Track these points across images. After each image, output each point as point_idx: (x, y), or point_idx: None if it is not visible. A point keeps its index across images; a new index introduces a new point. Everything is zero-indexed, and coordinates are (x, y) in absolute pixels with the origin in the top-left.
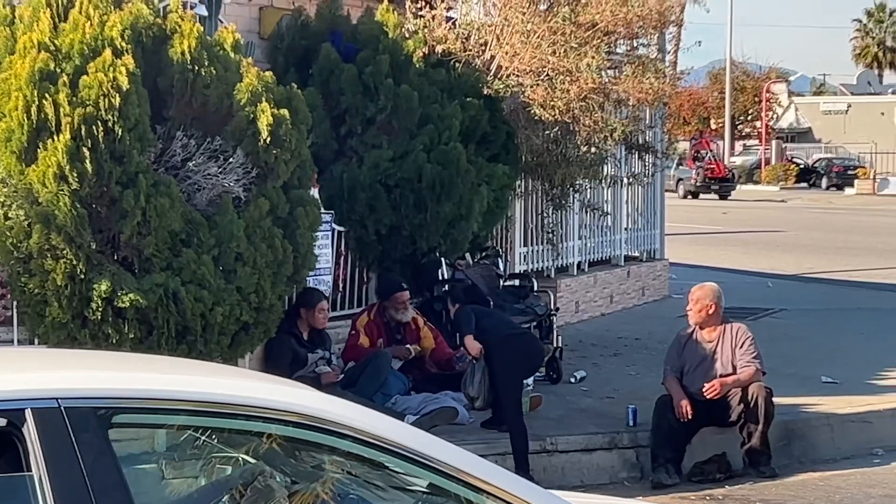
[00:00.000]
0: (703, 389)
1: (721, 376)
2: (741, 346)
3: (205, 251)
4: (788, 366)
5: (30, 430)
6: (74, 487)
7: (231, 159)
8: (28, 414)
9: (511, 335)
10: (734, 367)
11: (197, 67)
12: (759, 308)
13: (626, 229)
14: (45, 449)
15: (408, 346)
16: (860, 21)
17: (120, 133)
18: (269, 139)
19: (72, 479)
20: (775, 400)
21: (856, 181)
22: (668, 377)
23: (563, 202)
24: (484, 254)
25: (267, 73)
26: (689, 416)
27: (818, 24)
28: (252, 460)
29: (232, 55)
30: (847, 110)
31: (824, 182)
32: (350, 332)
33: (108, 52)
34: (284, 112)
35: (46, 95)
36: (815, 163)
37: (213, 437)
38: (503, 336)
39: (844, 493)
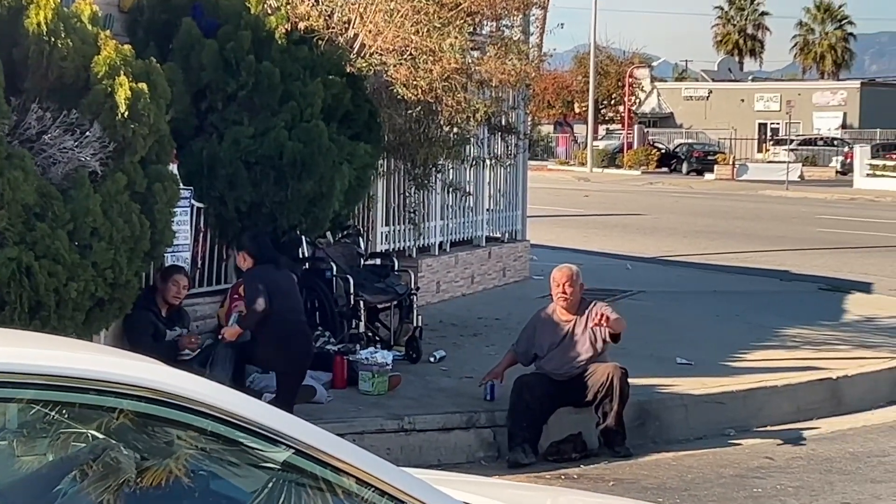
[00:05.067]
0: (593, 324)
1: (583, 355)
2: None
3: (59, 226)
4: (645, 347)
5: None
6: None
7: (88, 133)
8: None
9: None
10: (594, 345)
11: (53, 39)
12: (617, 290)
13: (488, 210)
14: None
15: None
16: (721, 8)
17: None
18: (126, 113)
19: None
20: (631, 380)
21: (715, 166)
22: (508, 353)
23: (426, 182)
24: (345, 232)
25: (126, 47)
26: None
27: (681, 11)
28: (102, 436)
29: (89, 27)
30: (708, 96)
31: (685, 167)
32: (234, 298)
33: None
34: (143, 86)
35: None
36: (676, 148)
37: (64, 412)
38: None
39: (697, 473)
